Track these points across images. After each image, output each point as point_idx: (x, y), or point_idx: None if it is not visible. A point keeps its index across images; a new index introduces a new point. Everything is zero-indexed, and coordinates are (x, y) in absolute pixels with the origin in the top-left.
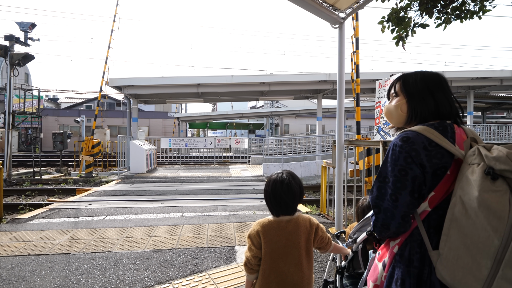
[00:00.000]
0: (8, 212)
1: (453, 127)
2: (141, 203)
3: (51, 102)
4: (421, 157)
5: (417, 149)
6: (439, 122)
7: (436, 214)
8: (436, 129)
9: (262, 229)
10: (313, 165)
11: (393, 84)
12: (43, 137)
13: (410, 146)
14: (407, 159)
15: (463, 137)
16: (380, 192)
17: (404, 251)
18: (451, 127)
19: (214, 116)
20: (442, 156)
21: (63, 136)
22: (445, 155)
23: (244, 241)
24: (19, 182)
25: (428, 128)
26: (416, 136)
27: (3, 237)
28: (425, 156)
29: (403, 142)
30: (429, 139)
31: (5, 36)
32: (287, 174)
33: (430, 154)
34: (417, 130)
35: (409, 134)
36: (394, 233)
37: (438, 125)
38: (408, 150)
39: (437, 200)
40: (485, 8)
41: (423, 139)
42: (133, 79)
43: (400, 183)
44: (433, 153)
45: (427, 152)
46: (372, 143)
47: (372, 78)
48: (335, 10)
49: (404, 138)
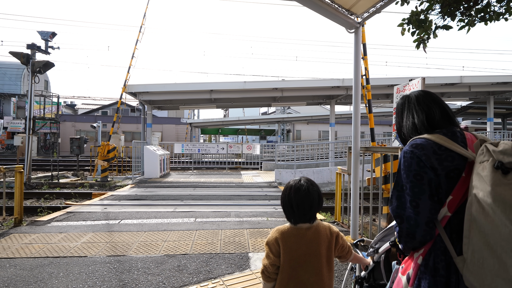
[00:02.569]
0: (27, 215)
1: (462, 133)
2: (155, 207)
3: (68, 108)
4: (432, 160)
5: (427, 153)
6: (447, 129)
7: (457, 218)
8: (445, 135)
9: (281, 237)
10: (326, 172)
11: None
12: (61, 142)
13: (420, 151)
14: (419, 163)
15: (474, 141)
16: (400, 201)
17: (429, 260)
18: (461, 132)
19: (226, 122)
20: (453, 158)
21: (80, 141)
22: (456, 158)
23: (258, 248)
24: (38, 185)
25: (436, 134)
26: (425, 142)
27: (23, 239)
28: (435, 160)
29: (413, 148)
30: (438, 144)
31: (27, 45)
32: (306, 181)
33: (440, 157)
34: (426, 137)
35: (418, 141)
36: (420, 242)
37: (446, 131)
38: (418, 155)
39: (456, 204)
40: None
41: (432, 144)
42: (148, 85)
43: (417, 188)
44: (443, 156)
45: (437, 156)
46: (389, 149)
47: (387, 83)
48: (351, 14)
49: (414, 145)
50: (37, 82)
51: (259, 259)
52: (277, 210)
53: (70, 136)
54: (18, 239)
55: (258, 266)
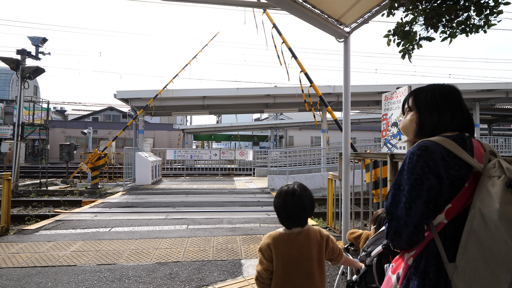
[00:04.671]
0: (15, 223)
1: (471, 140)
2: (146, 215)
3: (58, 114)
4: (439, 167)
5: (435, 159)
6: (458, 135)
7: (453, 226)
8: (455, 141)
9: (273, 242)
10: (318, 177)
11: (407, 99)
12: (50, 148)
13: (428, 156)
14: (424, 169)
15: (481, 150)
16: (395, 200)
17: (420, 263)
18: (470, 140)
19: (218, 128)
20: (460, 168)
21: (69, 147)
22: (463, 167)
23: (251, 254)
24: (26, 193)
25: (447, 139)
26: (434, 146)
27: (10, 248)
28: (442, 167)
29: (421, 151)
30: (447, 150)
31: (17, 50)
32: (299, 186)
33: (447, 165)
34: (436, 141)
35: (427, 144)
36: (406, 242)
37: (456, 137)
38: (426, 159)
39: (454, 213)
40: (490, 22)
41: (442, 149)
42: (140, 91)
43: (415, 192)
44: (451, 164)
45: (445, 163)
46: (379, 155)
47: (376, 90)
48: (340, 24)
49: (422, 147)
50: (26, 88)
51: (252, 265)
52: (270, 216)
53: (59, 142)
54: (4, 248)
55: (251, 272)
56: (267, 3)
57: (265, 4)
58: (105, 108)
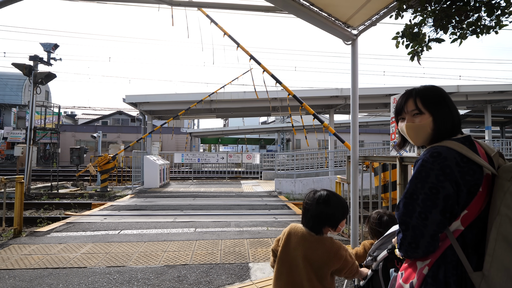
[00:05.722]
0: (27, 225)
1: (474, 142)
2: (154, 217)
3: (69, 118)
4: (455, 174)
5: (450, 165)
6: (465, 137)
7: (471, 233)
8: (463, 143)
9: (289, 229)
10: (326, 181)
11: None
12: (61, 152)
13: (443, 162)
14: (439, 177)
15: (482, 151)
16: (407, 209)
17: (438, 273)
18: (473, 141)
19: (225, 131)
20: (474, 172)
21: (80, 151)
22: (476, 171)
23: (258, 258)
24: (37, 196)
25: (457, 143)
26: (447, 152)
27: (23, 250)
28: (458, 173)
29: (434, 158)
30: (461, 154)
31: (30, 56)
32: (327, 195)
33: (463, 170)
34: (448, 145)
35: (439, 150)
36: (423, 252)
37: (464, 140)
38: (441, 166)
39: (470, 219)
40: (501, 23)
41: (455, 154)
42: (148, 95)
43: (430, 202)
44: (465, 170)
45: (460, 169)
46: (388, 158)
47: (384, 93)
48: (348, 27)
49: (435, 154)
50: (38, 93)
51: (260, 269)
52: (277, 219)
53: (70, 146)
54: (17, 250)
55: (258, 276)
56: (274, 7)
57: (272, 7)
58: (114, 112)
